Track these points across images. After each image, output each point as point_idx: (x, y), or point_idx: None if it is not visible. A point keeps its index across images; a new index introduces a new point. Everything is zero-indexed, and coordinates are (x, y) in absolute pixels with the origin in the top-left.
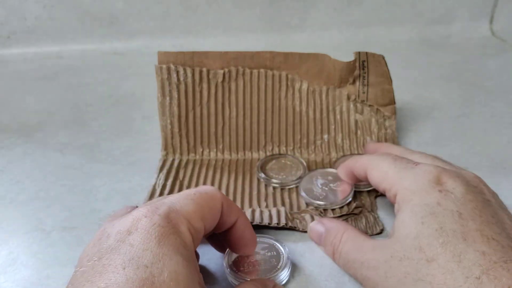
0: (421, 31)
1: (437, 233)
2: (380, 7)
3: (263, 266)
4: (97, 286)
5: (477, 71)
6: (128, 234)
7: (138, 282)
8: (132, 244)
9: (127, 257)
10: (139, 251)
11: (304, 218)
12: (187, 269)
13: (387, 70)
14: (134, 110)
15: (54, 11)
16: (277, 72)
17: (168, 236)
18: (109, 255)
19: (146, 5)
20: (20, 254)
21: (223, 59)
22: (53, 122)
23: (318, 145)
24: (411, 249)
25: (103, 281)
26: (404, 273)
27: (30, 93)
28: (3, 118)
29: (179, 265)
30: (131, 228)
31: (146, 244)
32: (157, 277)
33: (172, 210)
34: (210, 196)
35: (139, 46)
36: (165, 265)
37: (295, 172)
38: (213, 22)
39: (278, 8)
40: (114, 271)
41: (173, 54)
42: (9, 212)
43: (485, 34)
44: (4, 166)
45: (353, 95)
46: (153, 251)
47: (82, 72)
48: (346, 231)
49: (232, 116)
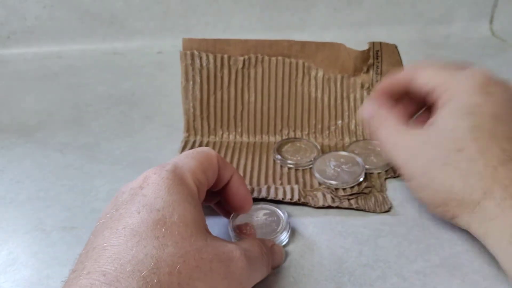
0: (421, 31)
1: (471, 129)
2: (380, 7)
3: (264, 229)
4: (116, 229)
5: None
6: (140, 189)
7: (152, 222)
8: (145, 195)
9: (141, 204)
10: (151, 199)
11: (316, 195)
12: (194, 214)
13: (399, 59)
14: (134, 110)
15: (54, 11)
16: (294, 60)
17: (176, 186)
18: (125, 205)
19: (146, 5)
20: (20, 254)
21: (243, 47)
22: (53, 122)
23: (332, 130)
24: (446, 138)
25: (120, 225)
26: (434, 157)
27: (30, 93)
28: (3, 118)
29: (186, 210)
30: (143, 184)
31: (157, 193)
32: (168, 218)
33: (177, 166)
34: (207, 154)
35: (139, 46)
36: (175, 209)
37: (309, 154)
38: (213, 22)
39: (278, 8)
40: (130, 216)
41: (197, 41)
42: (9, 212)
43: (485, 34)
44: (4, 166)
45: (366, 83)
46: (163, 198)
47: (82, 72)
48: (390, 116)
49: (251, 101)
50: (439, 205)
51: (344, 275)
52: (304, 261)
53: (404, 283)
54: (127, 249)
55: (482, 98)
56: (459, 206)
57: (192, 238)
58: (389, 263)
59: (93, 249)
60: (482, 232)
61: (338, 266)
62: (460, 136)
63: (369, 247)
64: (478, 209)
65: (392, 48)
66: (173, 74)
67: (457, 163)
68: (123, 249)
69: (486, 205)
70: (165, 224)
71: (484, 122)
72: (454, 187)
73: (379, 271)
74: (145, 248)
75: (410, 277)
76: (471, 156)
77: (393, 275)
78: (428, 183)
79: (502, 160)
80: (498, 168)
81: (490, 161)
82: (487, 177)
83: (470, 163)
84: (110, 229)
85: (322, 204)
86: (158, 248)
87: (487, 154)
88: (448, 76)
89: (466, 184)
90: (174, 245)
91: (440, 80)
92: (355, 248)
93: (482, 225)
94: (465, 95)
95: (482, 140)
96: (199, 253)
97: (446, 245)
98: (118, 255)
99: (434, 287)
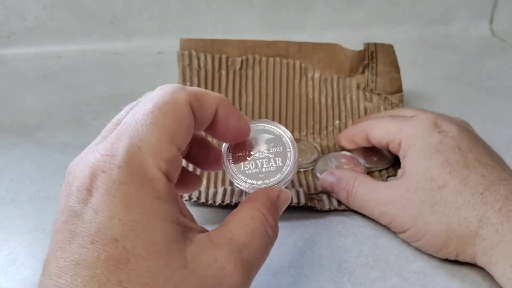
0: (421, 31)
1: (443, 165)
2: (380, 7)
3: (266, 167)
4: (69, 258)
5: (477, 71)
6: (88, 193)
7: (111, 261)
8: (96, 210)
9: (93, 228)
10: (105, 219)
11: (322, 198)
12: (165, 233)
13: (395, 59)
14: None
15: (54, 11)
16: (291, 60)
17: (134, 194)
18: (74, 220)
19: (146, 5)
20: (20, 254)
21: (241, 47)
22: (53, 122)
23: (330, 130)
24: (424, 180)
25: (73, 254)
26: (421, 202)
27: (30, 93)
28: (3, 118)
29: (154, 231)
30: (90, 186)
31: (111, 210)
32: (131, 252)
33: (133, 152)
34: (172, 106)
35: (139, 46)
36: (138, 235)
37: (310, 156)
38: (213, 22)
39: (278, 8)
40: (82, 244)
41: (194, 41)
42: (9, 212)
43: (485, 34)
44: (4, 166)
45: (362, 84)
46: (121, 219)
47: (82, 72)
48: (357, 177)
49: (249, 102)
50: (441, 248)
51: (344, 275)
52: (304, 261)
53: (404, 283)
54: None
55: (439, 137)
56: (459, 242)
57: (167, 271)
58: (389, 263)
59: (49, 276)
60: (486, 262)
61: (338, 266)
62: (436, 174)
63: (369, 247)
64: (478, 240)
65: (388, 48)
66: (173, 74)
67: (445, 200)
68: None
69: (484, 233)
70: (128, 261)
71: (452, 155)
72: (450, 224)
73: (379, 271)
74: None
75: (410, 277)
76: (455, 188)
77: (393, 275)
78: (423, 229)
79: (486, 185)
80: (485, 193)
81: (475, 188)
82: (478, 204)
83: (456, 196)
84: (61, 251)
85: (328, 208)
86: None
87: (469, 183)
88: (398, 128)
89: (459, 217)
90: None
91: (392, 133)
92: (355, 248)
93: (486, 255)
94: (423, 139)
95: (459, 172)
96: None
97: None
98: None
99: (434, 287)
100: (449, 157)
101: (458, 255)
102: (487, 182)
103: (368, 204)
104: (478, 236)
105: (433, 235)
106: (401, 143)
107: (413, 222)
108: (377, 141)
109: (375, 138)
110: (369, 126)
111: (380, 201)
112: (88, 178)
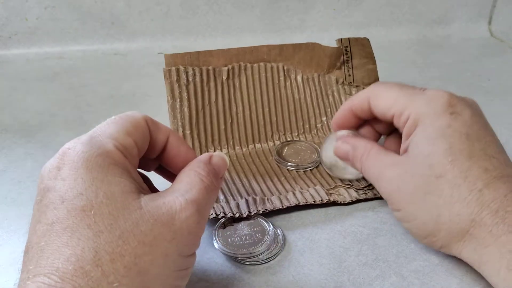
0: (420, 32)
1: (446, 152)
2: (379, 8)
3: (248, 240)
4: (46, 223)
5: (475, 72)
6: (58, 170)
7: (79, 211)
8: (64, 178)
9: (62, 191)
10: (71, 182)
11: (340, 192)
12: (121, 184)
13: (371, 51)
14: (135, 110)
15: (56, 11)
16: (274, 64)
17: (94, 159)
18: (47, 194)
19: (146, 6)
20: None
21: (225, 56)
22: (54, 123)
23: (319, 127)
24: (422, 166)
25: (48, 218)
26: (415, 187)
27: (31, 93)
28: (4, 118)
29: (111, 184)
30: (59, 164)
31: (75, 173)
32: (94, 200)
33: (94, 135)
34: (131, 116)
35: (140, 47)
36: (99, 187)
37: (311, 154)
38: (213, 23)
39: (278, 9)
40: (55, 208)
41: (180, 56)
42: (11, 212)
43: (484, 35)
44: (5, 166)
45: (340, 78)
46: (83, 178)
47: (83, 72)
48: (372, 148)
49: (239, 111)
50: (427, 235)
51: (343, 274)
52: (304, 260)
53: (403, 282)
54: (62, 246)
55: (450, 119)
56: (447, 235)
57: (125, 213)
58: (388, 262)
59: (31, 247)
60: (475, 260)
61: (337, 265)
62: (436, 162)
63: (368, 246)
64: (468, 237)
65: (363, 42)
66: None
67: (440, 191)
68: (58, 247)
69: (476, 233)
70: (92, 208)
71: (458, 142)
72: (441, 216)
73: (378, 270)
74: (80, 241)
75: (409, 276)
76: (453, 181)
77: (392, 274)
78: (414, 214)
79: (486, 182)
80: (484, 190)
81: (474, 184)
82: (473, 202)
83: (453, 189)
84: (40, 223)
85: (350, 200)
86: (94, 238)
87: (469, 177)
88: (408, 99)
89: (451, 212)
90: (109, 229)
91: (401, 104)
92: (354, 247)
93: (475, 253)
94: (432, 118)
95: (461, 162)
96: (137, 227)
97: None
98: (56, 255)
99: (433, 286)
100: (454, 144)
101: (442, 247)
102: (489, 177)
103: (373, 177)
104: (469, 234)
105: (422, 222)
106: (408, 120)
107: (404, 203)
108: (381, 112)
109: (379, 108)
110: (373, 94)
111: (381, 175)
112: (58, 159)
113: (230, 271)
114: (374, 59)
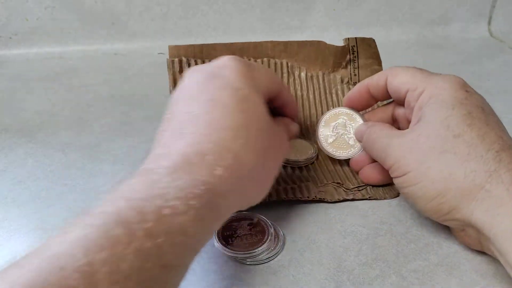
0: (419, 32)
1: (465, 116)
2: (379, 8)
3: (248, 240)
4: (206, 98)
5: (475, 72)
6: (219, 68)
7: (237, 98)
8: (224, 75)
9: (223, 82)
10: (231, 79)
11: (329, 191)
12: (264, 106)
13: (376, 52)
14: (135, 110)
15: (56, 12)
16: (278, 60)
17: (249, 72)
18: (212, 78)
19: (147, 6)
20: (22, 253)
21: (229, 50)
22: (55, 122)
23: None
24: (440, 127)
25: (208, 95)
26: (430, 147)
27: (31, 93)
28: (5, 118)
29: (258, 94)
30: (221, 66)
31: (235, 75)
32: (248, 92)
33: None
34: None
35: (140, 47)
36: (252, 87)
37: (307, 151)
38: (214, 23)
39: (278, 9)
40: (218, 87)
41: (184, 47)
42: (11, 212)
43: (483, 35)
44: (6, 166)
45: (346, 78)
46: (241, 81)
47: (84, 72)
48: (382, 123)
49: None
50: (434, 197)
51: (343, 274)
52: (304, 260)
53: (402, 282)
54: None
55: (465, 94)
56: (457, 195)
57: (265, 113)
58: (388, 262)
59: (197, 118)
60: (486, 222)
61: (337, 265)
62: (455, 123)
63: (368, 246)
64: (482, 194)
65: (369, 42)
66: None
67: (456, 149)
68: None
69: (492, 189)
70: (247, 100)
71: (476, 111)
72: (453, 174)
73: (378, 270)
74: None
75: (408, 276)
76: (470, 140)
77: (392, 274)
78: (423, 174)
79: (502, 146)
80: (501, 152)
81: (491, 145)
82: (491, 160)
83: (470, 148)
84: (201, 100)
85: (337, 198)
86: (242, 119)
87: (486, 139)
88: (424, 77)
89: (467, 169)
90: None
91: (418, 80)
92: (354, 247)
93: (488, 214)
94: (448, 91)
95: (478, 127)
96: (264, 116)
97: (444, 244)
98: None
99: (432, 286)
100: (472, 111)
101: (450, 210)
102: (505, 144)
103: (380, 148)
104: (484, 190)
105: (431, 182)
106: (422, 93)
107: (415, 164)
108: (396, 87)
109: (394, 83)
110: (392, 72)
111: (389, 143)
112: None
113: (230, 271)
114: (379, 60)
